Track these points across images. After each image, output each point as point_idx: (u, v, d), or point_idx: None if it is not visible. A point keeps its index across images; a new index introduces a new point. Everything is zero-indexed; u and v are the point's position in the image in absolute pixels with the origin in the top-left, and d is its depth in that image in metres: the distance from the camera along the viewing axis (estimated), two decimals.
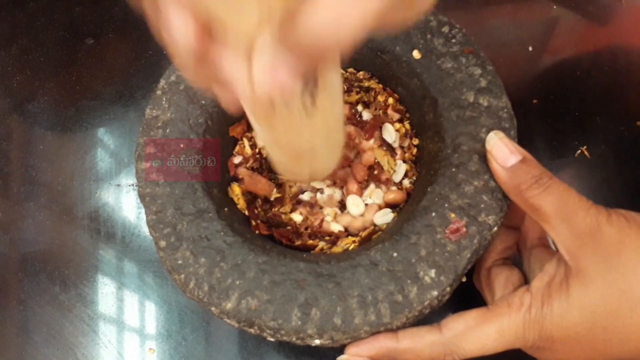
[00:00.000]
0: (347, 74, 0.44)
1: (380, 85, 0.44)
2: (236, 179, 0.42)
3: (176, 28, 0.21)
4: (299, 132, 0.32)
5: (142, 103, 0.53)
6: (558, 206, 0.32)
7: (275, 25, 0.20)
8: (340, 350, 0.34)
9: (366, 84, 0.44)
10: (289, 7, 0.19)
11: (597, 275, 0.31)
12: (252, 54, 0.21)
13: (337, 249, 0.39)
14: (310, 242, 0.40)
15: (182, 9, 0.20)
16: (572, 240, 0.32)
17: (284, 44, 0.20)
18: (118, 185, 0.51)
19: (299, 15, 0.18)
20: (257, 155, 0.43)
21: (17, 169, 0.52)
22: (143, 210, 0.38)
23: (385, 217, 0.40)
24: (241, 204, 0.41)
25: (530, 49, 0.54)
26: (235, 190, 0.41)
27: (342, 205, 0.41)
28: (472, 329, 0.33)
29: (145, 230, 0.37)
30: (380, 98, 0.44)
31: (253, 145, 0.43)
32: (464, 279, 0.40)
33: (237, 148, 0.43)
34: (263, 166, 0.42)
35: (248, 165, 0.42)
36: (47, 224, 0.50)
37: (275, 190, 0.42)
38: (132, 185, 0.51)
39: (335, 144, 0.37)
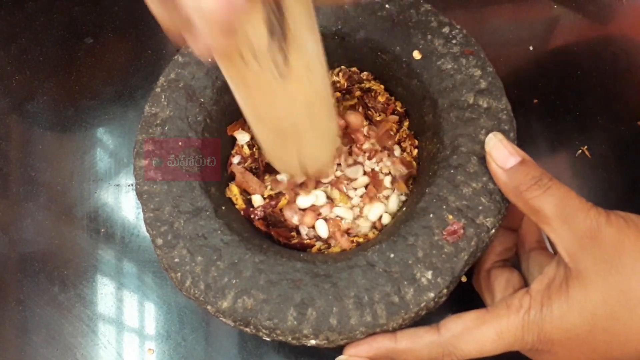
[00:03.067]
0: (350, 72, 0.44)
1: (382, 86, 0.44)
2: (234, 178, 0.42)
3: None
4: (276, 98, 0.31)
5: (141, 103, 0.53)
6: (558, 208, 0.32)
7: None
8: (339, 350, 0.34)
9: (367, 85, 0.44)
10: None
11: (597, 277, 0.31)
12: None
13: (334, 249, 0.39)
14: (308, 241, 0.40)
15: None
16: (572, 242, 0.31)
17: None
18: (117, 185, 0.51)
19: None
20: (255, 157, 0.42)
21: (16, 169, 0.52)
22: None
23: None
24: (240, 203, 0.41)
25: (531, 48, 0.54)
26: (234, 190, 0.41)
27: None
28: (470, 331, 0.33)
29: (144, 230, 0.37)
30: (381, 99, 0.44)
31: (251, 146, 0.43)
32: (464, 279, 0.40)
33: (236, 148, 0.43)
34: (260, 167, 0.42)
35: (246, 164, 0.42)
36: (47, 224, 0.50)
37: (268, 188, 0.42)
38: (132, 185, 0.51)
39: (322, 129, 0.36)
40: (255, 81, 0.30)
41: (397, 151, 0.42)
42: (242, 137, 0.43)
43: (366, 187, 0.41)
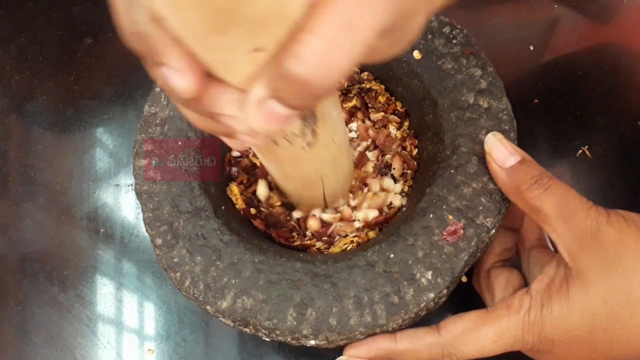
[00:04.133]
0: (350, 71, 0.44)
1: (382, 87, 0.44)
2: (233, 177, 0.42)
3: (174, 74, 0.20)
4: (305, 163, 0.32)
5: (141, 103, 0.52)
6: (558, 207, 0.32)
7: (269, 69, 0.20)
8: (339, 351, 0.34)
9: (367, 85, 0.44)
10: (283, 44, 0.19)
11: (597, 277, 0.30)
12: (247, 96, 0.21)
13: (334, 249, 0.39)
14: (308, 242, 0.39)
15: (180, 56, 0.20)
16: (572, 242, 0.31)
17: (279, 83, 0.20)
18: (117, 185, 0.51)
19: (294, 46, 0.19)
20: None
21: (16, 169, 0.52)
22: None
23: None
24: (240, 203, 0.41)
25: (532, 48, 0.54)
26: (234, 190, 0.41)
27: None
28: (470, 331, 0.33)
29: (144, 230, 0.37)
30: (381, 99, 0.44)
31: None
32: (464, 279, 0.40)
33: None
34: (258, 165, 0.42)
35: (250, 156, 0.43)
36: (46, 224, 0.50)
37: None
38: (131, 185, 0.50)
39: (342, 170, 0.37)
40: (285, 155, 0.31)
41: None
42: None
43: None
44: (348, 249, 0.39)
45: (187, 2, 0.17)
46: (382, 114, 0.43)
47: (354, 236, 0.40)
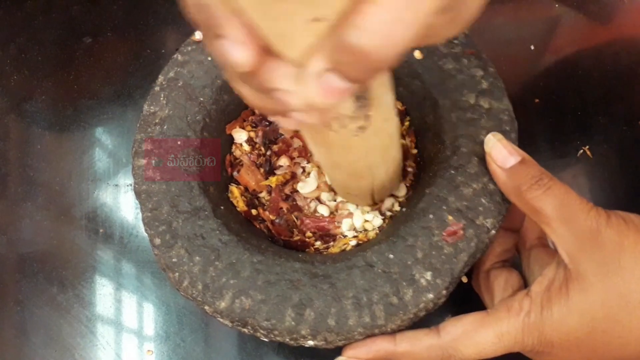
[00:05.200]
0: None
1: None
2: (234, 179, 0.42)
3: (233, 46, 0.20)
4: (355, 150, 0.32)
5: (140, 102, 0.52)
6: (559, 208, 0.32)
7: (329, 41, 0.20)
8: (339, 351, 0.34)
9: None
10: (343, 14, 0.19)
11: (596, 279, 0.30)
12: (305, 70, 0.21)
13: (333, 249, 0.39)
14: (308, 240, 0.40)
15: (240, 28, 0.20)
16: (572, 243, 0.31)
17: (338, 55, 0.20)
18: (116, 185, 0.51)
19: (355, 17, 0.18)
20: (261, 153, 0.43)
21: (15, 169, 0.52)
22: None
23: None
24: (241, 205, 0.41)
25: (532, 47, 0.54)
26: (235, 192, 0.41)
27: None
28: (470, 333, 0.33)
29: (143, 230, 0.37)
30: None
31: (249, 140, 0.43)
32: (464, 280, 0.40)
33: (234, 147, 0.43)
34: (257, 163, 0.42)
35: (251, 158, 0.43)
36: (45, 224, 0.50)
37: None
38: (130, 185, 0.50)
39: (392, 161, 0.37)
40: (336, 140, 0.30)
41: None
42: (239, 136, 0.43)
43: None
44: (347, 249, 0.39)
45: None
46: None
47: (353, 236, 0.40)
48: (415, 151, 0.42)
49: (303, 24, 0.19)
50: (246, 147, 0.43)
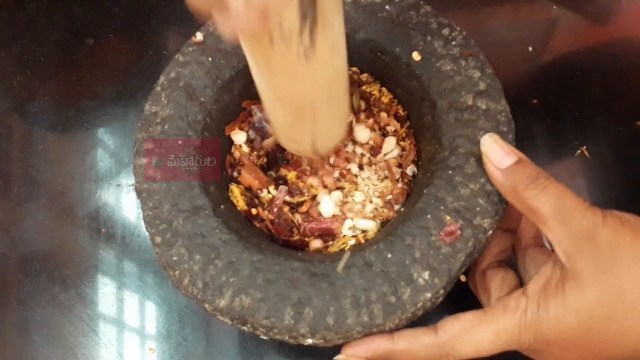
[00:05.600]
0: (350, 72, 0.44)
1: (384, 89, 0.44)
2: (234, 179, 0.42)
3: None
4: (298, 79, 0.31)
5: (142, 103, 0.52)
6: (555, 208, 0.32)
7: None
8: (339, 350, 0.35)
9: (368, 89, 0.44)
10: None
11: (593, 278, 0.31)
12: None
13: (332, 248, 0.39)
14: (307, 238, 0.40)
15: None
16: (568, 243, 0.31)
17: None
18: (118, 185, 0.51)
19: None
20: (259, 154, 0.43)
21: (18, 169, 0.52)
22: None
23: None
24: (241, 205, 0.41)
25: (530, 49, 0.54)
26: (235, 192, 0.41)
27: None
28: (467, 331, 0.33)
29: (145, 230, 0.37)
30: (384, 99, 0.44)
31: (249, 141, 0.43)
32: (462, 278, 0.40)
33: (233, 148, 0.43)
34: (257, 163, 0.42)
35: (251, 159, 0.43)
36: (47, 224, 0.50)
37: (271, 187, 0.42)
38: (132, 185, 0.51)
39: (338, 107, 0.36)
40: (279, 62, 0.29)
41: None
42: (238, 138, 0.43)
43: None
44: (346, 248, 0.39)
45: None
46: (385, 114, 0.43)
47: (352, 236, 0.40)
48: (413, 153, 0.42)
49: None
50: (245, 149, 0.43)
